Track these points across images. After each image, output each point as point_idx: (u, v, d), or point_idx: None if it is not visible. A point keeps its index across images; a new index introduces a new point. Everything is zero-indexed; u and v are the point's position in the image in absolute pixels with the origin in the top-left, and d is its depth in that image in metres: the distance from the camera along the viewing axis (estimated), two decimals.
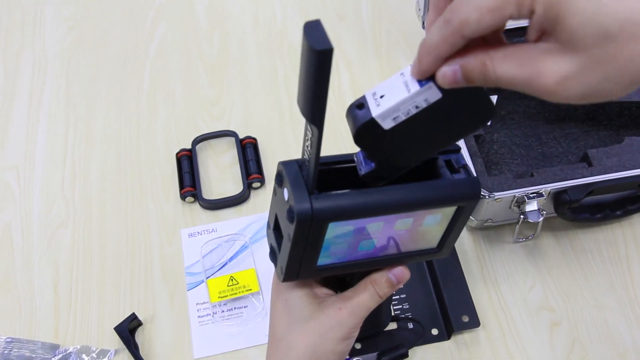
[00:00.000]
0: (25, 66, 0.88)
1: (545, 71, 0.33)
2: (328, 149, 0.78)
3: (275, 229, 0.46)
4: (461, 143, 0.67)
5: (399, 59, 0.87)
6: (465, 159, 0.66)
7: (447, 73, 0.36)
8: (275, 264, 0.47)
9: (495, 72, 0.34)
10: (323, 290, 0.49)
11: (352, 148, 0.42)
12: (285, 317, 0.48)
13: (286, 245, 0.42)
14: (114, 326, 0.64)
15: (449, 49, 0.35)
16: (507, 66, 0.34)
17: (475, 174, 0.44)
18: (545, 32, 0.33)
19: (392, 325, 0.65)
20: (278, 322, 0.48)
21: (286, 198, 0.40)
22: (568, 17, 0.31)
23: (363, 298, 0.47)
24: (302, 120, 0.37)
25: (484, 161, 0.70)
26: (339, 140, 0.78)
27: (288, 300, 0.48)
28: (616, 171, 0.64)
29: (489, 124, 0.76)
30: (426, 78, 0.37)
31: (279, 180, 0.42)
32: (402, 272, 0.47)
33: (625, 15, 0.31)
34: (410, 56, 0.86)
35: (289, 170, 0.40)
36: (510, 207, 0.65)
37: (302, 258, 0.43)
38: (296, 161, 0.41)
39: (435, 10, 0.36)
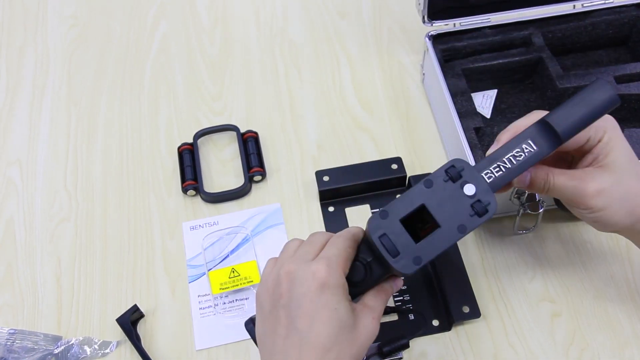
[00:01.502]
0: (28, 62, 0.89)
1: (588, 182, 0.49)
2: (329, 140, 0.78)
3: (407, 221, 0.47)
4: (461, 135, 0.68)
5: (399, 54, 0.87)
6: (466, 151, 0.66)
7: (521, 176, 0.50)
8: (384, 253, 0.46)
9: (554, 181, 0.50)
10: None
11: (352, 143, 0.42)
12: (332, 328, 0.45)
13: (448, 239, 0.46)
14: (116, 318, 0.64)
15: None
16: (562, 178, 0.50)
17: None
18: (595, 160, 0.50)
19: (393, 317, 0.65)
20: (323, 333, 0.45)
21: (471, 193, 0.46)
22: (616, 150, 0.50)
23: (382, 306, 0.49)
24: (302, 115, 0.38)
25: (484, 154, 0.71)
26: (339, 133, 0.79)
27: (338, 310, 0.45)
28: None
29: (488, 117, 0.77)
30: None
31: (453, 174, 0.47)
32: (401, 284, 0.53)
33: None
34: (410, 52, 0.87)
35: (470, 169, 0.47)
36: (510, 199, 0.65)
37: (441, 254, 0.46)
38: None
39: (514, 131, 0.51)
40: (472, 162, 0.65)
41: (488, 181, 0.47)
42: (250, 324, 0.52)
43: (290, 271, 0.47)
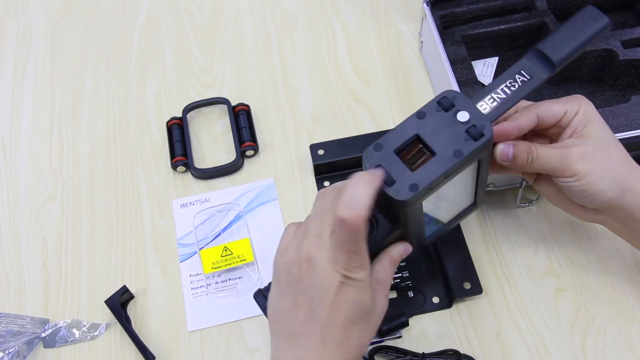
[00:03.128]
0: (9, 36, 0.85)
1: (571, 148, 0.50)
2: (324, 113, 0.75)
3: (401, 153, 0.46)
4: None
5: (397, 22, 0.84)
6: None
7: (504, 150, 0.51)
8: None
9: (538, 151, 0.51)
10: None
11: (348, 116, 0.39)
12: (354, 317, 0.43)
13: (444, 165, 0.44)
14: (105, 299, 0.62)
15: (523, 119, 0.51)
16: (545, 148, 0.51)
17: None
18: (575, 131, 0.51)
19: (392, 294, 0.63)
20: (344, 323, 0.43)
21: (465, 119, 0.45)
22: (594, 121, 0.51)
23: (391, 279, 0.48)
24: (296, 87, 0.36)
25: None
26: (334, 105, 0.76)
27: (361, 301, 0.44)
28: (623, 131, 0.62)
29: None
30: None
31: (445, 104, 0.46)
32: (409, 249, 0.50)
33: None
34: (408, 20, 0.83)
35: (463, 98, 0.46)
36: None
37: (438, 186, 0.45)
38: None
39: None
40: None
41: (483, 112, 0.47)
42: (260, 297, 0.50)
43: (310, 257, 0.43)
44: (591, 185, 0.50)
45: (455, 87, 0.66)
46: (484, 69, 0.75)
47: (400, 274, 0.63)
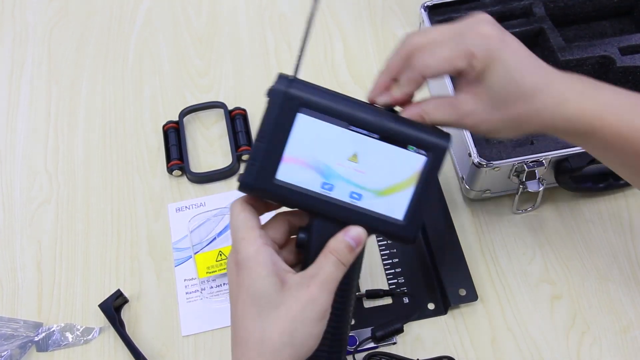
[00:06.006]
0: (5, 37, 0.85)
1: (462, 106, 0.45)
2: None
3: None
4: None
5: (394, 27, 0.83)
6: None
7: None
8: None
9: (432, 119, 0.46)
10: (283, 267, 0.45)
11: None
12: (253, 309, 0.43)
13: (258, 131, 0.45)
14: (99, 303, 0.62)
15: (410, 85, 0.45)
16: (439, 114, 0.46)
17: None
18: (471, 83, 0.45)
19: (387, 300, 0.63)
20: (246, 317, 0.44)
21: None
22: (491, 76, 0.44)
23: (328, 270, 0.44)
24: None
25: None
26: None
27: (251, 286, 0.43)
28: None
29: None
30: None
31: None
32: (358, 233, 0.45)
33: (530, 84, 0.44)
34: (406, 24, 0.83)
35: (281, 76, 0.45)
36: (509, 177, 0.63)
37: (266, 149, 0.44)
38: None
39: (389, 72, 0.46)
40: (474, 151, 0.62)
41: None
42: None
43: (229, 257, 0.47)
44: (496, 131, 0.46)
45: (452, 92, 0.66)
46: None
47: (396, 280, 0.63)
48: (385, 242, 0.66)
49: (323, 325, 0.44)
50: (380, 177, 0.46)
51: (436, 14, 0.73)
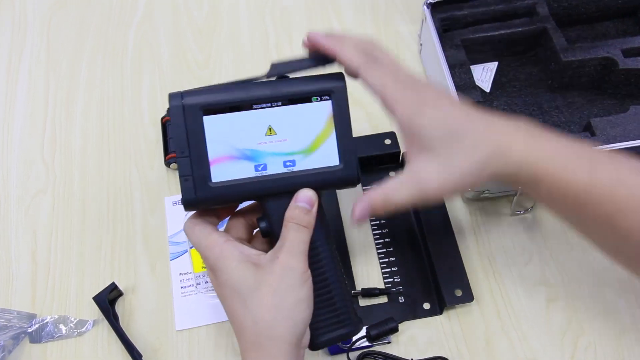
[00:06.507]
0: (4, 24, 0.84)
1: (428, 185, 0.45)
2: None
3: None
4: None
5: (397, 24, 0.83)
6: None
7: (361, 211, 0.47)
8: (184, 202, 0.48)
9: (396, 203, 0.46)
10: (253, 252, 0.47)
11: None
12: (239, 300, 0.46)
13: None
14: (93, 296, 0.62)
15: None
16: (403, 196, 0.46)
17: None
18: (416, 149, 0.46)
19: (383, 299, 0.62)
20: (235, 309, 0.46)
21: None
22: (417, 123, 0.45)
23: (291, 236, 0.46)
24: None
25: None
26: None
27: (229, 280, 0.46)
28: (620, 141, 0.61)
29: (488, 90, 0.73)
30: None
31: None
32: (305, 195, 0.47)
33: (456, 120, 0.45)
34: (408, 21, 0.83)
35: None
36: None
37: (191, 162, 0.46)
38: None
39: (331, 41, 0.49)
40: None
41: None
42: None
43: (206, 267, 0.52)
44: (451, 192, 0.47)
45: (452, 91, 0.66)
46: (483, 73, 0.74)
47: (392, 279, 0.63)
48: (382, 240, 0.65)
49: (307, 289, 0.46)
50: (301, 136, 0.48)
51: (439, 12, 0.73)
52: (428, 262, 0.63)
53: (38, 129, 0.75)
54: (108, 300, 0.61)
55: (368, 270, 0.64)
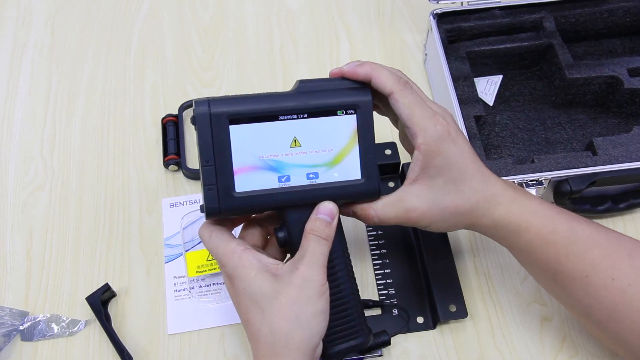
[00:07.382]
0: (9, 17, 0.84)
1: (406, 202, 0.49)
2: None
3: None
4: (460, 123, 0.64)
5: (403, 32, 0.82)
6: None
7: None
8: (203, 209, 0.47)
9: (380, 219, 0.49)
10: (270, 261, 0.48)
11: None
12: (256, 308, 0.46)
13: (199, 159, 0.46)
14: (86, 296, 0.61)
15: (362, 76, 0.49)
16: (387, 213, 0.49)
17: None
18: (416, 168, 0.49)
19: (376, 311, 0.62)
20: (253, 318, 0.47)
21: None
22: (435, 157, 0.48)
23: (311, 248, 0.47)
24: None
25: (484, 144, 0.67)
26: None
27: (247, 289, 0.47)
28: (622, 162, 0.61)
29: (491, 104, 0.72)
30: None
31: None
32: (327, 207, 0.48)
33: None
34: (414, 30, 0.82)
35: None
36: None
37: (216, 171, 0.46)
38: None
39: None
40: None
41: None
42: None
43: (222, 273, 0.50)
44: (435, 228, 0.51)
45: (455, 103, 0.65)
46: (487, 86, 0.74)
47: (386, 292, 0.63)
48: (378, 251, 0.65)
49: (325, 301, 0.47)
50: (325, 149, 0.48)
51: (445, 22, 0.72)
52: (424, 276, 0.63)
53: (38, 124, 0.75)
54: (101, 301, 0.61)
55: (362, 281, 0.64)
